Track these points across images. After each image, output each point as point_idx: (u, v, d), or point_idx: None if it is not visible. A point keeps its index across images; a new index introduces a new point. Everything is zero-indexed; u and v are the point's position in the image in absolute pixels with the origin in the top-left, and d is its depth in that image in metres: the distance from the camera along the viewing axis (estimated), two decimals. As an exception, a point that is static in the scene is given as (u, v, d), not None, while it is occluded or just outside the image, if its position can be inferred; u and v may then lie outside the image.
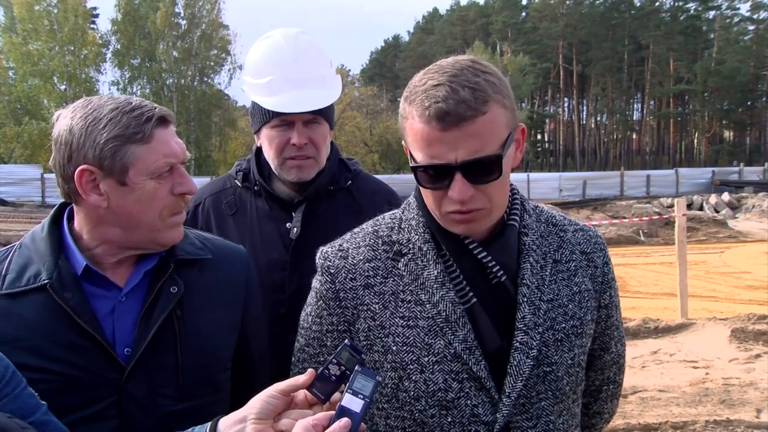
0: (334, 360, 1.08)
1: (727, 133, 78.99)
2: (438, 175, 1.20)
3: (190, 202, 1.81)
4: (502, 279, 1.28)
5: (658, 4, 74.32)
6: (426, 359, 1.26)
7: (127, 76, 39.33)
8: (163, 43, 38.75)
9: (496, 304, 1.28)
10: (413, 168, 1.23)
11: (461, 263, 1.29)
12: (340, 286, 1.34)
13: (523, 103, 67.86)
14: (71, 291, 1.32)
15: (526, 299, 1.28)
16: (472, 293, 1.27)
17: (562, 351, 1.30)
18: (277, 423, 1.06)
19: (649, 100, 75.70)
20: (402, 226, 1.36)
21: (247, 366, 1.55)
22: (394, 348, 1.28)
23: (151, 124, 1.33)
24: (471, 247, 1.27)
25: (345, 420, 1.01)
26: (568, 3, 73.32)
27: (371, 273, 1.33)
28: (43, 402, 1.18)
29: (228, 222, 2.02)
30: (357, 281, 1.33)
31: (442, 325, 1.26)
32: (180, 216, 1.42)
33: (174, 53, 39.19)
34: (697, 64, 68.06)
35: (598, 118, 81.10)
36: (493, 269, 1.27)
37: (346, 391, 1.04)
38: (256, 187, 2.04)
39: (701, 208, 25.76)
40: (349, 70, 55.35)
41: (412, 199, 1.38)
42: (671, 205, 22.59)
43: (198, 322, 1.42)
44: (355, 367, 1.07)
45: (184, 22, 39.84)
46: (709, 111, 71.77)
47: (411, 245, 1.32)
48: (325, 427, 1.01)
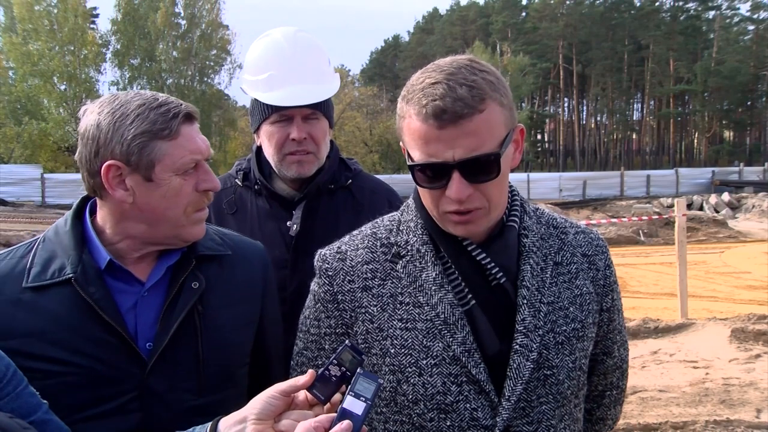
0: (334, 361, 1.07)
1: (727, 133, 79.00)
2: (435, 174, 1.19)
3: None
4: (502, 281, 1.26)
5: (658, 4, 74.29)
6: (424, 362, 1.25)
7: (127, 76, 39.24)
8: (163, 43, 38.70)
9: (496, 307, 1.27)
10: (411, 167, 1.22)
11: (460, 265, 1.27)
12: (338, 288, 1.33)
13: (523, 103, 67.84)
14: (95, 285, 1.33)
15: (526, 301, 1.27)
16: (471, 295, 1.26)
17: (563, 354, 1.28)
18: (277, 423, 1.06)
19: (649, 100, 75.70)
20: (400, 228, 1.35)
21: (264, 362, 1.56)
22: (392, 351, 1.27)
23: (177, 121, 1.34)
24: (470, 248, 1.26)
25: (347, 422, 1.01)
26: (568, 3, 73.30)
27: (369, 275, 1.32)
28: (44, 401, 1.18)
29: (228, 221, 2.01)
30: (355, 283, 1.32)
31: (440, 327, 1.25)
32: (203, 212, 1.43)
33: (174, 53, 39.14)
34: (697, 64, 68.02)
35: (598, 118, 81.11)
36: (492, 271, 1.26)
37: (348, 393, 1.04)
38: (256, 186, 2.05)
39: (701, 208, 25.78)
40: (349, 70, 55.44)
41: (411, 201, 1.37)
42: (671, 205, 22.58)
43: (218, 317, 1.43)
44: (358, 369, 1.06)
45: (183, 22, 39.80)
46: (709, 111, 71.73)
47: (409, 247, 1.31)
48: (326, 429, 1.01)
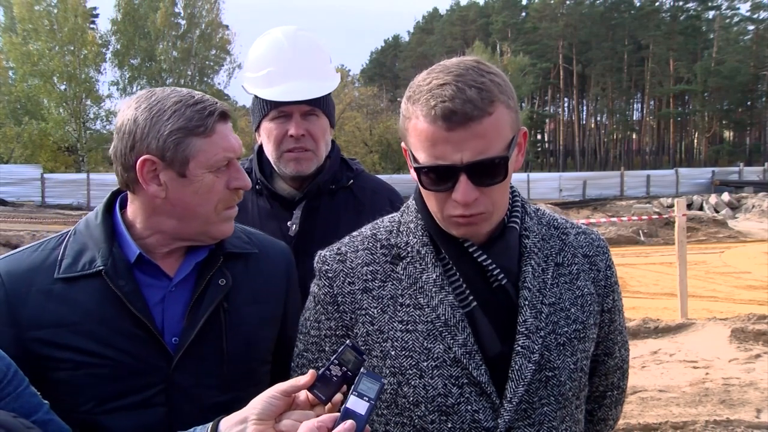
0: (335, 361, 1.07)
1: (727, 133, 78.99)
2: (442, 177, 1.17)
3: None
4: (503, 282, 1.26)
5: (658, 4, 74.28)
6: (425, 364, 1.24)
7: (127, 76, 39.26)
8: (163, 43, 38.72)
9: (497, 308, 1.26)
10: (416, 169, 1.20)
11: (461, 266, 1.27)
12: (338, 290, 1.32)
13: (523, 103, 67.69)
14: (125, 278, 1.34)
15: (527, 302, 1.26)
16: (471, 297, 1.25)
17: (565, 355, 1.27)
18: (278, 424, 1.06)
19: (649, 100, 75.68)
20: (400, 230, 1.34)
21: (286, 360, 1.56)
22: (393, 353, 1.26)
23: (213, 118, 1.35)
24: (471, 250, 1.25)
25: (350, 422, 1.01)
26: (568, 3, 73.28)
27: (370, 277, 1.31)
28: (45, 401, 1.19)
29: None
30: (355, 285, 1.31)
31: (441, 329, 1.24)
32: (233, 210, 1.44)
33: (174, 53, 39.17)
34: (697, 64, 68.02)
35: (598, 118, 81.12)
36: (494, 272, 1.25)
37: (351, 393, 1.04)
38: (257, 186, 2.05)
39: (701, 208, 25.78)
40: (349, 70, 55.28)
41: (411, 201, 1.36)
42: (671, 205, 22.59)
43: (243, 314, 1.45)
44: (361, 369, 1.06)
45: (183, 22, 39.84)
46: (709, 111, 71.72)
47: (410, 248, 1.30)
48: (329, 429, 1.01)
